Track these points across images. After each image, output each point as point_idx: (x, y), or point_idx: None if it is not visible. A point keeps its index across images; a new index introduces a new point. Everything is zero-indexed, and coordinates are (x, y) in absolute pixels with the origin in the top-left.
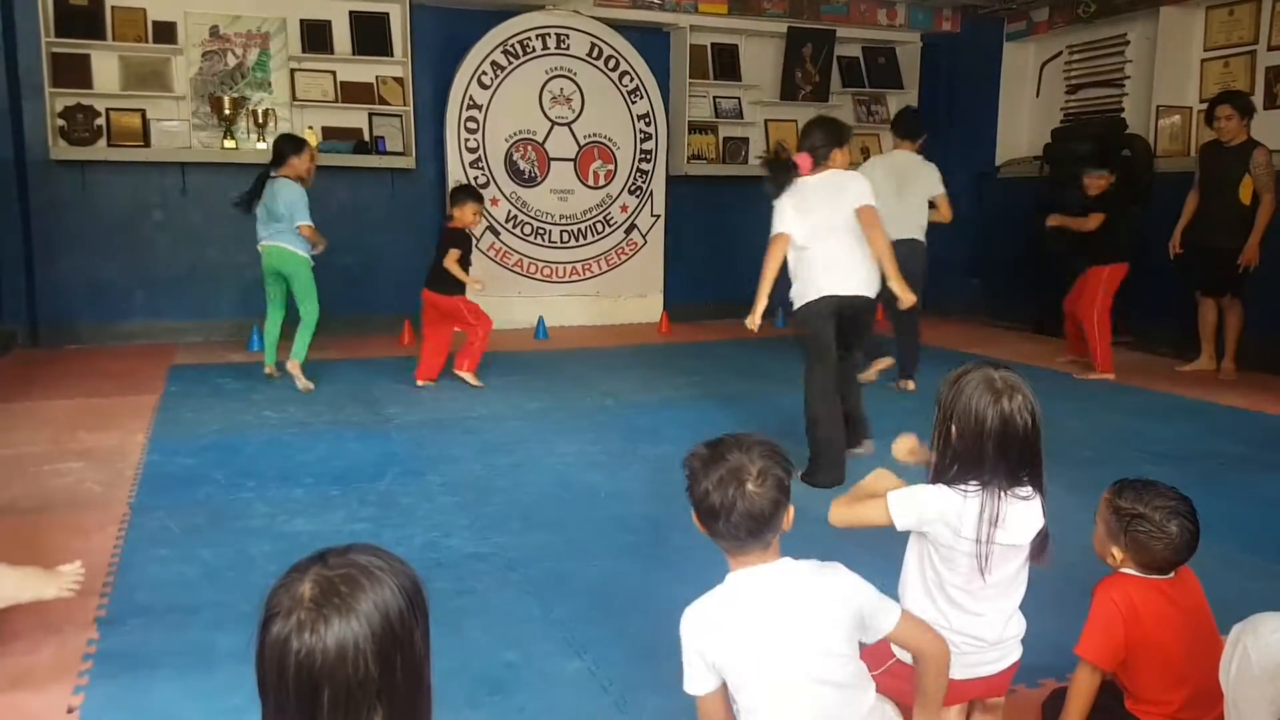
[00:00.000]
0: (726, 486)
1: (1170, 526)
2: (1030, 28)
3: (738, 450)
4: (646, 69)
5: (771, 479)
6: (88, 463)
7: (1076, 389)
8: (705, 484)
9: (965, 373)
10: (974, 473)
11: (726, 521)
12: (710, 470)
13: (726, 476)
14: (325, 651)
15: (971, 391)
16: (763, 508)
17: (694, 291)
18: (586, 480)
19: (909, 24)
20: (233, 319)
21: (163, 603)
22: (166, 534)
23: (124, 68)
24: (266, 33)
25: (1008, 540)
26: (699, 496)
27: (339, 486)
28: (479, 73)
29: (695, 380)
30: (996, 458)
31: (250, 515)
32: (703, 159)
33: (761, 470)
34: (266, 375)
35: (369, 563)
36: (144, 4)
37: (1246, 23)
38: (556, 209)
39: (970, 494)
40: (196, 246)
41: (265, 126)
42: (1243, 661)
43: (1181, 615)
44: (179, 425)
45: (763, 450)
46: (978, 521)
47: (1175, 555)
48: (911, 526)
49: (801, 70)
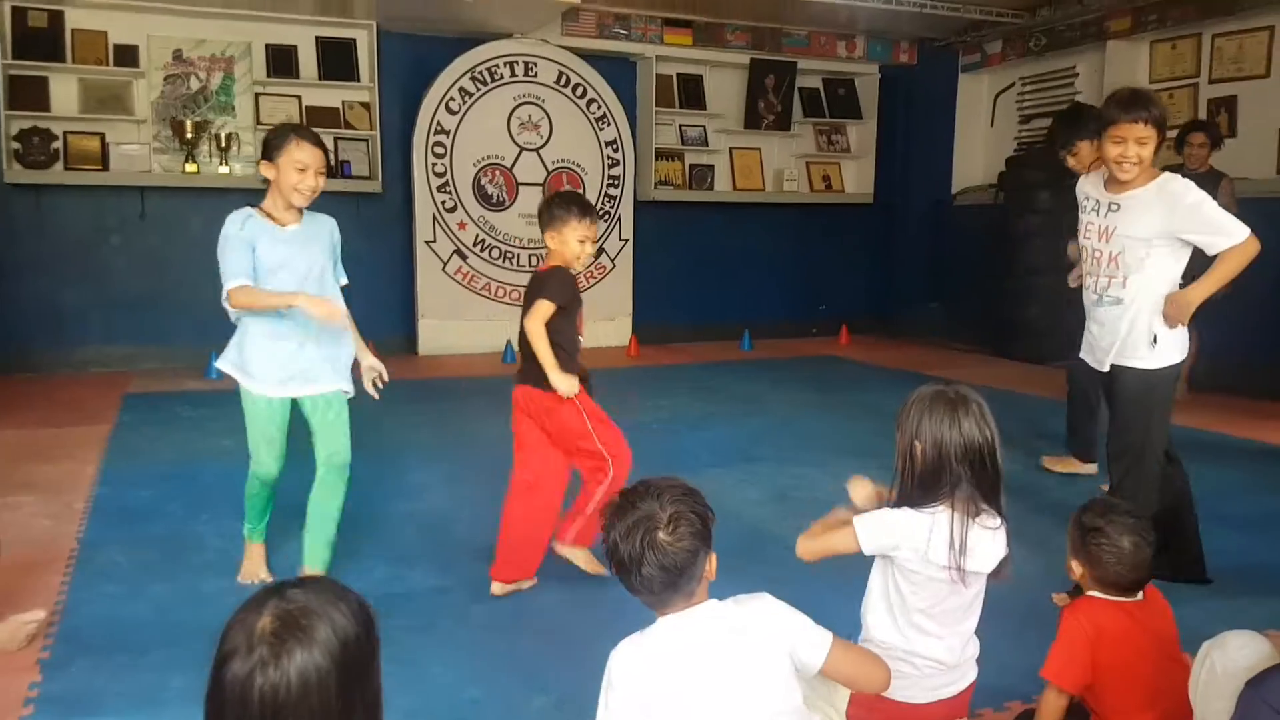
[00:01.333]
0: (634, 536)
1: (1123, 542)
2: (984, 60)
3: (649, 497)
4: (614, 97)
5: (685, 524)
6: (36, 496)
7: (1034, 407)
8: (614, 534)
9: (922, 393)
10: (938, 490)
11: (639, 575)
12: (618, 519)
13: (634, 526)
14: (289, 686)
15: (928, 408)
16: (676, 558)
17: (662, 314)
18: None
19: (868, 56)
20: (190, 345)
21: (111, 642)
22: (116, 569)
23: (84, 90)
24: (231, 57)
25: (972, 568)
26: (609, 548)
27: (298, 518)
28: (447, 98)
29: (664, 404)
30: (959, 470)
31: (204, 549)
32: (670, 185)
33: (674, 516)
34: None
35: (323, 595)
36: (106, 27)
37: (1189, 56)
38: (525, 233)
39: (938, 514)
40: (155, 272)
41: (228, 150)
42: (1210, 674)
43: (1149, 637)
44: (132, 456)
45: (675, 494)
46: (946, 544)
47: (1130, 572)
48: (879, 550)
49: (764, 100)
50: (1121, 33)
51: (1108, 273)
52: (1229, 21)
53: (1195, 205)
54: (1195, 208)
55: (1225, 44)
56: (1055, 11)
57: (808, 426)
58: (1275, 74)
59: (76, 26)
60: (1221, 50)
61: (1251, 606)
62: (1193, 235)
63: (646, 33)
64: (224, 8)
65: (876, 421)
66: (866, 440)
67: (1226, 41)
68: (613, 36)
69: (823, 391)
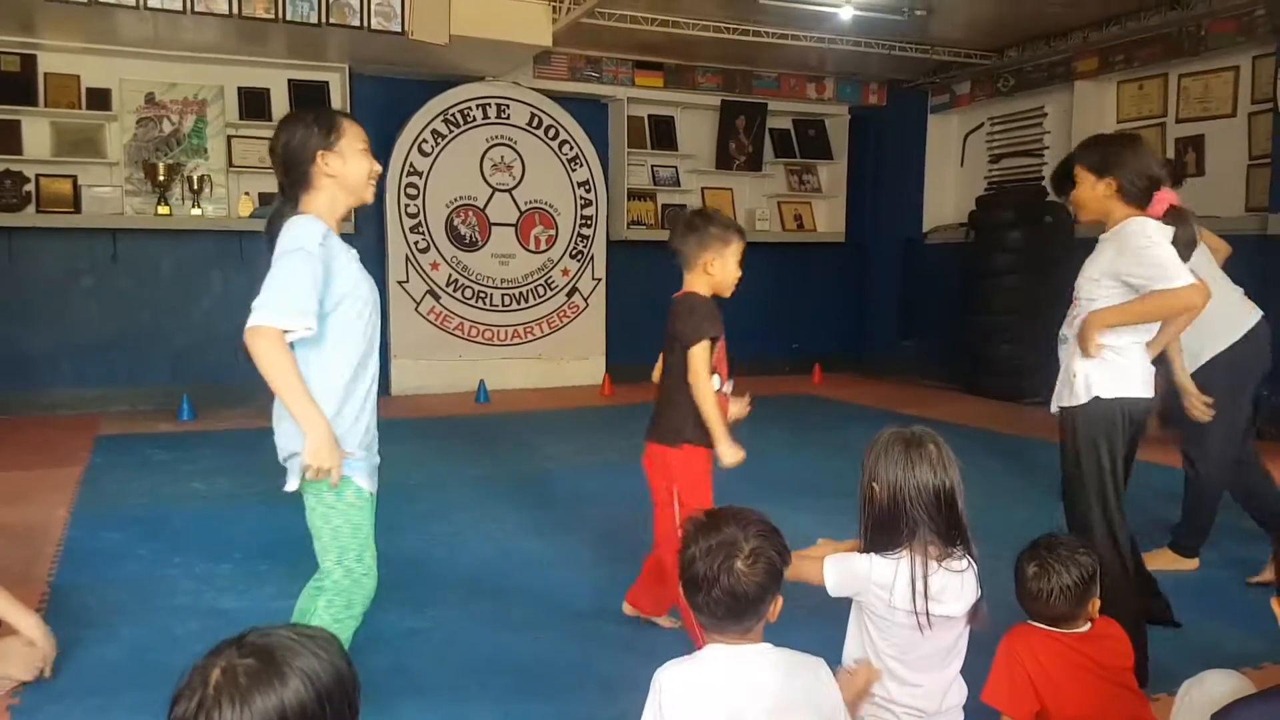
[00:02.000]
0: (714, 558)
1: (1028, 568)
2: (953, 100)
3: (735, 524)
4: (585, 138)
5: (764, 562)
6: (6, 539)
7: (1007, 446)
8: (693, 550)
9: (881, 436)
10: (897, 534)
11: (707, 595)
12: (701, 538)
13: (716, 548)
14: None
15: (884, 450)
16: (747, 589)
17: (636, 354)
18: (528, 548)
19: (837, 97)
20: (162, 385)
21: (81, 687)
22: (87, 613)
23: (56, 133)
24: (204, 100)
25: (942, 611)
26: (685, 562)
27: (268, 561)
28: (419, 140)
29: (638, 443)
30: (916, 514)
31: (176, 592)
32: (642, 224)
33: (755, 551)
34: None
35: (290, 640)
36: (78, 70)
37: (1155, 97)
38: (498, 273)
39: (901, 560)
40: (127, 313)
41: (200, 193)
42: (1187, 710)
43: (1095, 671)
44: (103, 499)
45: (760, 529)
46: (908, 589)
47: (1034, 601)
48: (843, 593)
49: (735, 141)
50: (1089, 73)
51: (1071, 313)
52: (1194, 62)
53: (1143, 248)
54: (1142, 250)
55: (1191, 84)
56: (1023, 52)
57: (779, 465)
58: (1241, 113)
59: (49, 70)
60: (1188, 90)
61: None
62: (1134, 277)
63: (618, 75)
64: (196, 51)
65: (848, 460)
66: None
67: (1192, 82)
68: (585, 79)
69: (795, 430)
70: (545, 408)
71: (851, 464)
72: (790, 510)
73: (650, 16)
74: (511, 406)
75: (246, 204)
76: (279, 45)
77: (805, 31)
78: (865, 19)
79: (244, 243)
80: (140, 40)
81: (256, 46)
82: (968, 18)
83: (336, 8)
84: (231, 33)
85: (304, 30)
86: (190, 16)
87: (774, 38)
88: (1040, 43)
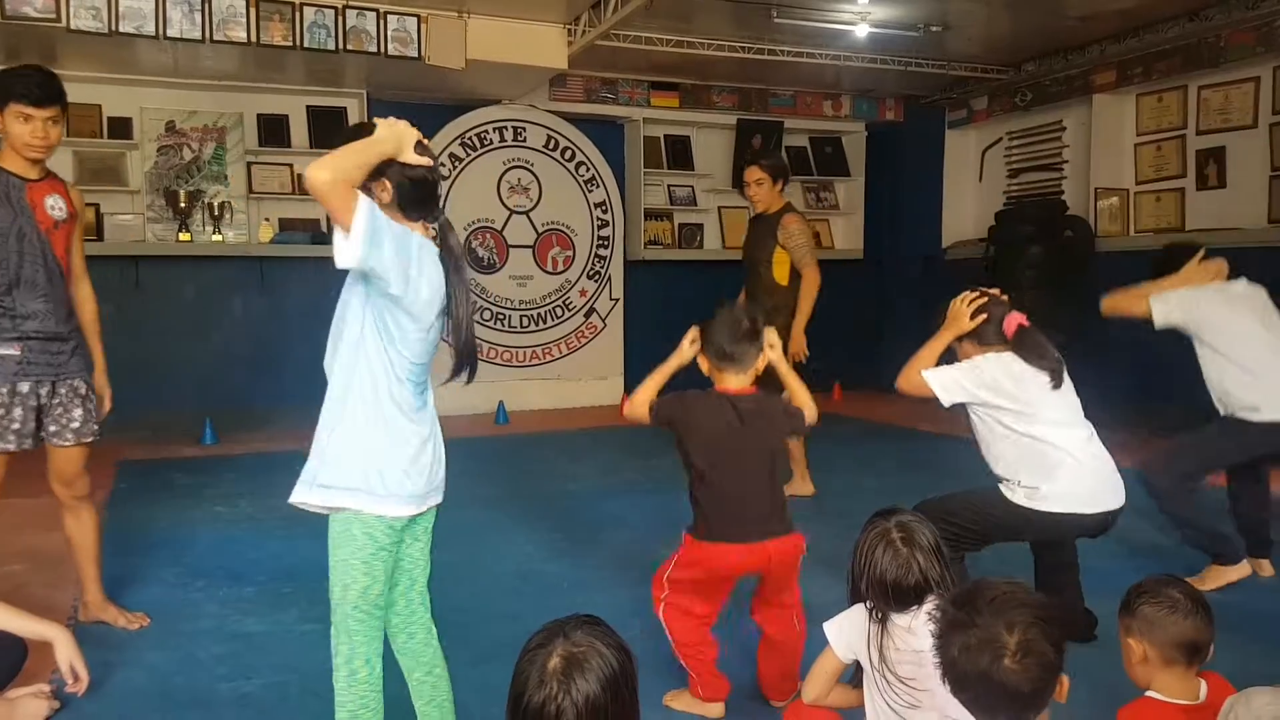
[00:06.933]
0: (978, 657)
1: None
2: (970, 116)
3: (989, 612)
4: (602, 159)
5: (1035, 658)
6: (31, 565)
7: None
8: (953, 649)
9: (870, 525)
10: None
11: (976, 697)
12: (957, 634)
13: (977, 647)
14: (579, 713)
15: (865, 534)
16: (1020, 686)
17: None
18: (547, 571)
19: (854, 114)
20: (185, 410)
21: (109, 712)
22: (112, 637)
23: (78, 162)
24: (223, 127)
25: (908, 674)
26: (947, 661)
27: (291, 584)
28: (437, 164)
29: (657, 463)
30: (886, 605)
31: (200, 616)
32: (659, 244)
33: (1022, 645)
34: None
35: (598, 634)
36: (100, 100)
37: (1175, 109)
38: (516, 294)
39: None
40: (150, 339)
41: (221, 219)
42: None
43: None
44: (127, 523)
45: (1025, 616)
46: (865, 649)
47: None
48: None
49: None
50: (1107, 86)
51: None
52: (1214, 74)
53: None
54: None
55: (1211, 95)
56: (1040, 66)
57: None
58: (1263, 124)
59: (71, 100)
60: (1208, 102)
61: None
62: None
63: (634, 96)
64: (216, 79)
65: (871, 478)
66: (860, 498)
67: (1212, 93)
68: (600, 100)
69: (816, 448)
70: (564, 428)
71: (875, 481)
72: (819, 525)
73: (665, 37)
74: (531, 427)
75: (266, 230)
76: (297, 72)
77: (820, 49)
78: (881, 36)
79: (264, 268)
80: (160, 69)
81: (275, 74)
82: (984, 33)
83: (354, 35)
84: (250, 61)
85: (322, 57)
86: (209, 45)
87: (789, 56)
88: (1058, 56)
